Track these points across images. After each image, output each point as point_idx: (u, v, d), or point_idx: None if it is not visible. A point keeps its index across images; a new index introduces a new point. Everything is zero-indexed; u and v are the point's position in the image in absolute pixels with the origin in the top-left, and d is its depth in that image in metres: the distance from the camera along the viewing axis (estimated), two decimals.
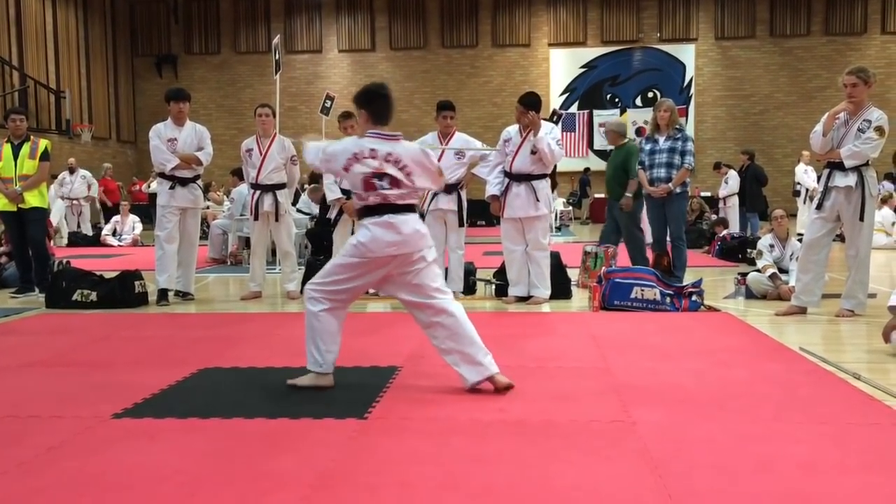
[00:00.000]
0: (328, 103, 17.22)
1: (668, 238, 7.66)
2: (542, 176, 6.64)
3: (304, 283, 7.71)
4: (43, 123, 19.43)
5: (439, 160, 6.95)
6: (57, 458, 3.00)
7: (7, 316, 6.55)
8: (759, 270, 7.08)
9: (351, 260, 3.88)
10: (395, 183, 3.83)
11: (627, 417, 3.41)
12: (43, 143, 7.77)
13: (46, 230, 8.14)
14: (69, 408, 3.68)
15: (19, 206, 7.60)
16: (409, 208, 3.94)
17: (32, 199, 7.63)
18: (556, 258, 7.04)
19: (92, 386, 4.12)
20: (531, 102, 6.66)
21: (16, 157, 7.59)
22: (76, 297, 6.89)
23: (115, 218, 15.25)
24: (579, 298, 7.01)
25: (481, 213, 12.66)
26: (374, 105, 3.92)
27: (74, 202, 16.02)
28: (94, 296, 6.87)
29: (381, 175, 3.81)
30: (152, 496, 2.60)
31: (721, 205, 14.64)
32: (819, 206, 5.92)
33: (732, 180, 14.00)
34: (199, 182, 7.44)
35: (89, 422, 3.44)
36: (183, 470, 2.83)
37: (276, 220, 7.46)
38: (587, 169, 22.33)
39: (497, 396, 3.77)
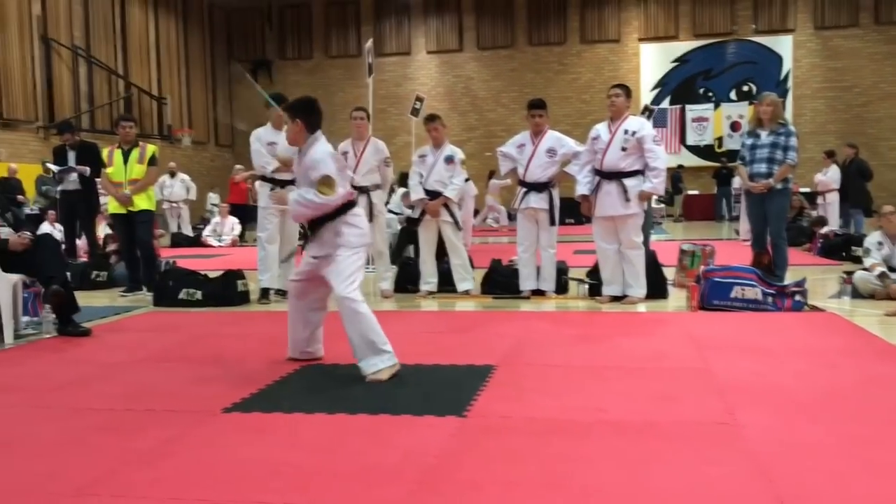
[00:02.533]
0: (418, 104, 17.39)
1: (767, 235, 7.42)
2: (634, 173, 6.53)
3: (397, 282, 7.87)
4: (146, 129, 20.27)
5: (531, 160, 6.99)
6: (173, 449, 3.14)
7: (118, 314, 6.88)
8: (866, 269, 6.80)
9: (361, 252, 4.33)
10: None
11: (733, 420, 3.34)
12: (151, 149, 8.11)
13: (153, 231, 8.50)
14: (182, 402, 3.85)
15: (128, 208, 7.95)
16: None
17: (140, 202, 7.97)
18: (651, 257, 6.93)
19: (201, 381, 4.29)
20: (629, 90, 6.70)
21: (125, 161, 7.95)
22: (182, 295, 7.18)
23: (216, 219, 15.80)
24: (676, 298, 6.87)
25: (570, 211, 12.55)
26: (314, 117, 4.39)
27: (174, 205, 16.66)
28: (199, 294, 7.14)
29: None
30: (265, 488, 2.70)
31: (820, 200, 14.11)
32: None
33: (832, 172, 13.45)
34: None
35: (201, 415, 3.59)
36: (292, 463, 2.92)
37: (371, 220, 7.57)
38: (680, 166, 21.86)
39: (596, 396, 3.75)
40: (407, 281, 7.87)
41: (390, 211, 10.89)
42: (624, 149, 6.50)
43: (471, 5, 23.70)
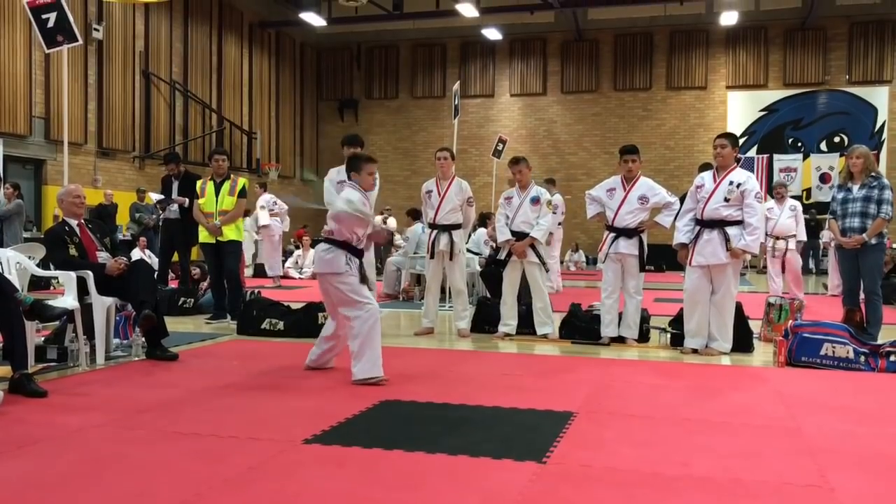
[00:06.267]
0: (500, 146, 17.56)
1: (861, 292, 7.17)
2: (737, 223, 6.39)
3: (475, 322, 7.87)
4: (235, 162, 20.94)
5: (621, 205, 6.92)
6: (256, 477, 3.19)
7: (203, 340, 7.07)
8: None
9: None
10: None
11: (824, 483, 3.20)
12: (241, 182, 8.39)
13: (241, 262, 8.74)
14: (264, 430, 3.91)
15: (217, 238, 8.21)
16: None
17: (229, 233, 8.24)
18: (737, 308, 6.75)
19: (283, 411, 4.37)
20: (736, 139, 6.62)
21: (217, 193, 8.24)
22: (265, 325, 7.34)
23: (298, 252, 16.13)
24: (762, 352, 6.67)
25: (651, 259, 12.37)
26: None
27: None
28: (281, 325, 7.29)
29: None
30: None
31: None
32: None
33: None
34: None
35: (283, 445, 3.64)
36: (373, 498, 2.93)
37: (451, 258, 7.64)
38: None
39: (680, 449, 3.65)
40: (485, 321, 7.86)
41: (469, 250, 10.93)
42: (727, 199, 6.38)
43: (556, 50, 23.85)
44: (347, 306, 5.18)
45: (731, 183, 6.39)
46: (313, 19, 21.61)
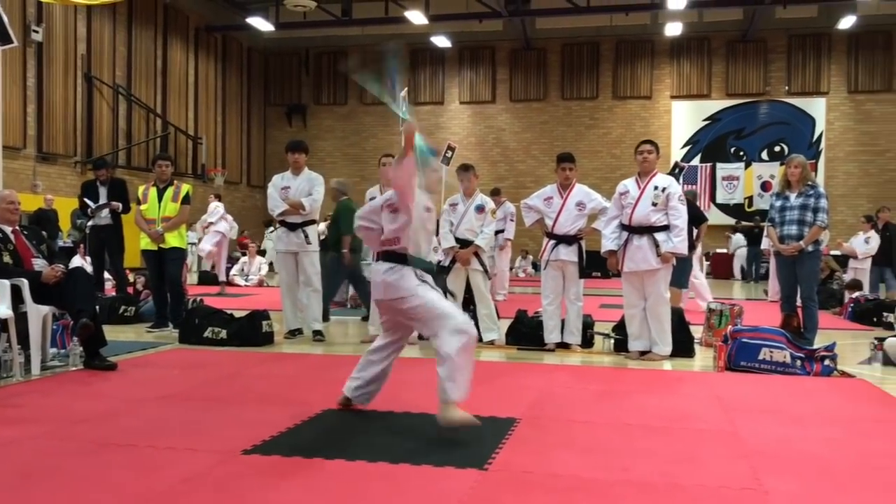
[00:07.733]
0: (449, 154, 17.52)
1: (798, 298, 7.34)
2: (664, 227, 6.51)
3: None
4: (180, 167, 20.60)
5: (560, 212, 7.00)
6: (192, 489, 3.13)
7: (144, 349, 6.92)
8: None
9: None
10: None
11: (759, 486, 3.27)
12: (185, 188, 8.25)
13: (183, 269, 8.59)
14: (202, 441, 3.84)
15: (160, 245, 8.05)
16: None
17: (172, 240, 8.08)
18: (678, 314, 6.87)
19: (223, 421, 4.29)
20: (657, 145, 6.80)
21: (160, 199, 8.09)
22: (207, 333, 7.22)
23: (244, 259, 15.92)
24: (703, 357, 6.79)
25: (597, 264, 12.50)
26: None
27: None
28: (224, 333, 7.18)
29: None
30: None
31: (853, 264, 13.91)
32: None
33: (874, 241, 13.25)
34: (311, 227, 7.67)
35: (221, 456, 3.57)
36: None
37: None
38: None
39: (620, 455, 3.69)
40: None
41: None
42: (654, 204, 6.50)
43: (505, 59, 24.02)
44: (431, 328, 4.13)
45: (656, 188, 6.53)
46: (260, 24, 21.41)
